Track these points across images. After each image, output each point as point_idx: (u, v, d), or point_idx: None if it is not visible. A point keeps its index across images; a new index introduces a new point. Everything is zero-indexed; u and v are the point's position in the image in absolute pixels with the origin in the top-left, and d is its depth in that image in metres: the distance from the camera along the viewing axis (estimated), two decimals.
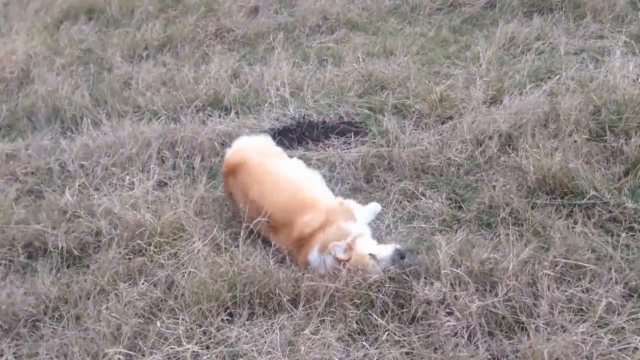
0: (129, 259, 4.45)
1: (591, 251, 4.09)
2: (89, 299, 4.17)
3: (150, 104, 6.48)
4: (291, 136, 5.93)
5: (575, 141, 5.01)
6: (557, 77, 5.99)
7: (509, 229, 4.33)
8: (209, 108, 6.35)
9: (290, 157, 5.59)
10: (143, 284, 4.21)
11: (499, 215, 4.59)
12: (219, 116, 6.25)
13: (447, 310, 3.79)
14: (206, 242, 4.39)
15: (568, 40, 7.08)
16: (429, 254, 4.18)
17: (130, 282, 4.30)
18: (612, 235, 4.32)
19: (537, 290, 3.85)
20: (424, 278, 3.95)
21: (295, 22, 8.31)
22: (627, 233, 4.34)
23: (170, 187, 5.28)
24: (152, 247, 4.45)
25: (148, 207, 4.85)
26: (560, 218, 4.42)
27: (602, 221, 4.47)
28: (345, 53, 7.36)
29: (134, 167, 5.47)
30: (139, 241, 4.51)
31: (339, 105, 6.30)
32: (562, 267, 3.97)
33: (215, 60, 7.32)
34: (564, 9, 7.76)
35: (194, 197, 4.99)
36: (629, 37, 6.97)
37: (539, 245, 4.14)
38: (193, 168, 5.54)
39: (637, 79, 5.89)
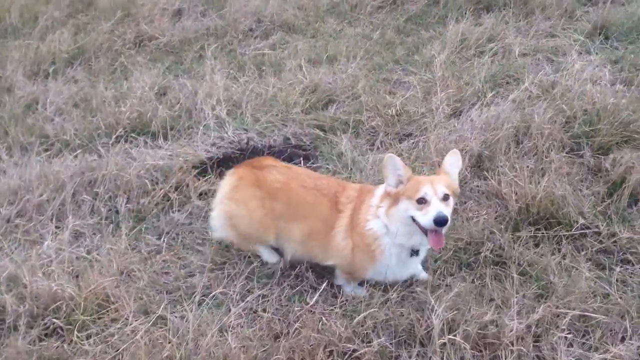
0: (43, 344, 3.56)
1: (592, 294, 3.55)
2: None
3: (60, 133, 5.50)
4: (232, 165, 5.11)
5: (552, 161, 4.49)
6: (523, 87, 5.44)
7: (491, 268, 3.85)
8: (133, 135, 5.45)
9: None
10: None
11: (481, 253, 4.00)
12: (146, 144, 5.37)
13: None
14: (141, 319, 3.56)
15: (521, 40, 6.61)
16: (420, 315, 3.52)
17: None
18: (603, 269, 3.84)
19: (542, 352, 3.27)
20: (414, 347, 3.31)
21: (226, 25, 7.47)
22: (621, 266, 3.86)
23: (89, 237, 4.40)
24: (72, 327, 3.58)
25: (64, 271, 3.97)
26: (552, 255, 3.87)
27: (593, 253, 3.99)
28: (285, 61, 6.61)
29: (43, 217, 4.53)
30: (55, 319, 3.63)
31: (284, 125, 5.55)
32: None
33: (136, 74, 6.40)
34: (512, 6, 7.31)
35: (119, 252, 4.14)
36: (581, 34, 6.60)
37: (536, 293, 3.56)
38: (117, 212, 4.65)
39: (597, 81, 5.51)
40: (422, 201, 3.30)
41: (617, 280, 3.66)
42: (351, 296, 3.78)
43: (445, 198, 3.32)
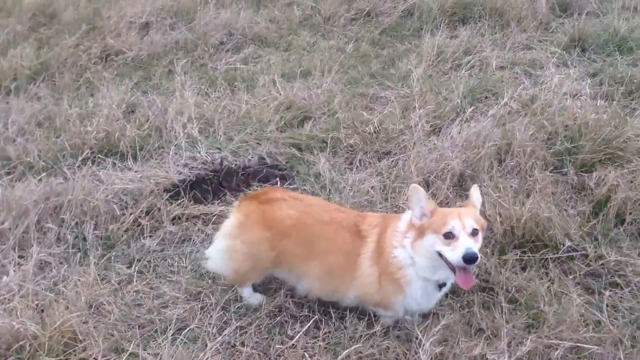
0: None
1: (584, 323, 3.43)
2: None
3: (23, 154, 5.20)
4: (206, 187, 4.92)
5: (537, 180, 4.39)
6: (502, 102, 5.34)
7: (479, 295, 3.71)
8: (101, 156, 5.20)
9: (208, 214, 4.66)
10: None
11: None
12: (114, 165, 5.12)
13: None
14: (112, 358, 3.33)
15: (497, 53, 6.55)
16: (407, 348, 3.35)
17: None
18: (592, 293, 3.73)
19: None
20: None
21: (196, 39, 7.26)
22: (610, 290, 3.75)
23: (55, 268, 4.15)
24: None
25: (28, 306, 3.71)
26: (540, 279, 3.75)
27: (581, 276, 3.88)
28: (258, 75, 6.42)
29: (5, 246, 4.26)
30: None
31: (259, 144, 5.36)
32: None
33: (103, 91, 6.14)
34: (487, 18, 7.26)
35: (88, 283, 3.90)
36: (558, 47, 6.57)
37: (526, 323, 3.43)
38: (84, 239, 4.40)
39: (577, 95, 5.46)
40: (449, 236, 3.08)
41: (607, 306, 3.55)
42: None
43: (474, 233, 3.10)
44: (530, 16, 7.29)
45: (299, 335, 3.50)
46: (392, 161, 4.97)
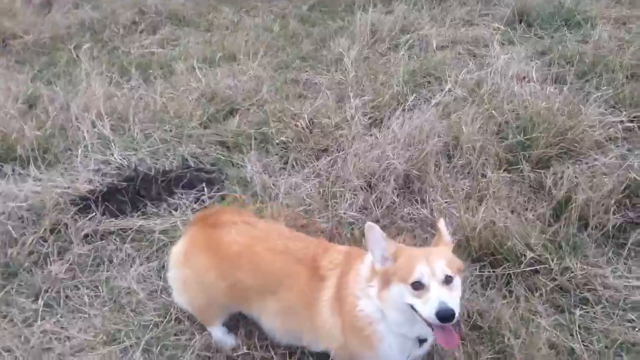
0: None
1: (554, 351, 3.12)
2: None
3: None
4: (121, 198, 4.33)
5: (490, 181, 4.05)
6: (446, 88, 4.97)
7: None
8: None
9: (125, 229, 4.09)
10: None
11: None
12: (13, 173, 4.44)
13: None
14: None
15: (437, 30, 6.17)
16: None
17: None
18: (562, 311, 3.39)
19: None
20: None
21: (104, 18, 6.52)
22: (581, 308, 3.39)
23: None
24: None
25: None
26: (504, 299, 3.40)
27: (548, 292, 3.50)
28: (176, 61, 5.79)
29: None
30: None
31: (180, 143, 4.79)
32: None
33: None
34: None
35: None
36: (501, 22, 6.24)
37: (493, 358, 3.08)
38: None
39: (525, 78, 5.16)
40: (418, 286, 2.48)
41: (579, 328, 3.23)
42: None
43: (448, 280, 2.49)
44: None
45: None
46: (330, 160, 4.52)
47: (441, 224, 2.76)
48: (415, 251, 2.64)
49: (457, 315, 2.41)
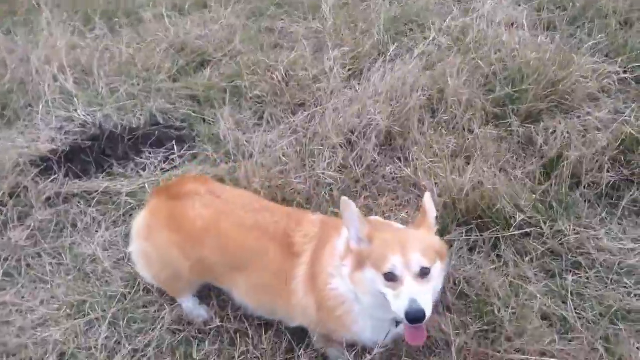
0: None
1: (546, 321, 2.96)
2: None
3: None
4: (85, 159, 4.07)
5: (477, 137, 3.83)
6: (430, 37, 4.69)
7: None
8: None
9: (90, 192, 3.84)
10: None
11: None
12: None
13: None
14: None
15: None
16: None
17: None
18: (553, 276, 3.22)
19: None
20: None
21: None
22: (573, 273, 3.22)
23: None
24: None
25: None
26: (493, 265, 3.22)
27: (538, 256, 3.33)
28: (144, 9, 5.43)
29: None
30: None
31: (148, 98, 4.51)
32: None
33: None
34: None
35: None
36: None
37: (480, 330, 2.92)
38: None
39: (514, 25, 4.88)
40: (390, 277, 2.27)
41: (572, 294, 3.07)
42: None
43: (424, 273, 2.28)
44: None
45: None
46: (308, 115, 4.27)
47: (427, 198, 2.51)
48: (390, 239, 2.37)
49: (427, 316, 2.21)
